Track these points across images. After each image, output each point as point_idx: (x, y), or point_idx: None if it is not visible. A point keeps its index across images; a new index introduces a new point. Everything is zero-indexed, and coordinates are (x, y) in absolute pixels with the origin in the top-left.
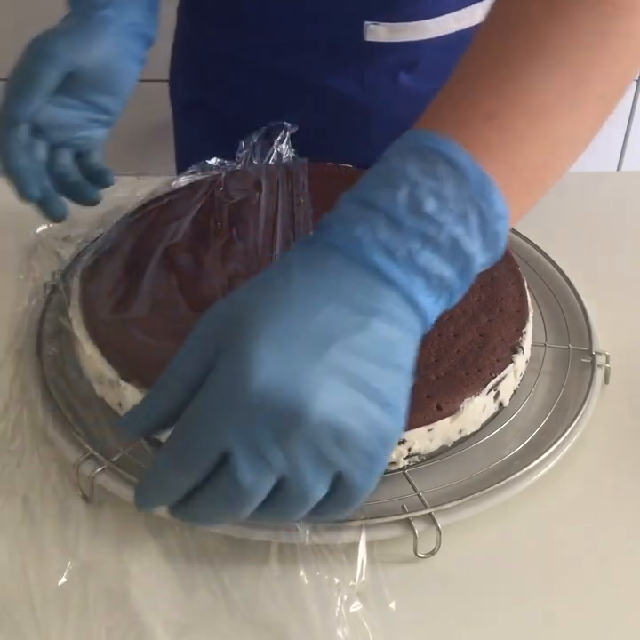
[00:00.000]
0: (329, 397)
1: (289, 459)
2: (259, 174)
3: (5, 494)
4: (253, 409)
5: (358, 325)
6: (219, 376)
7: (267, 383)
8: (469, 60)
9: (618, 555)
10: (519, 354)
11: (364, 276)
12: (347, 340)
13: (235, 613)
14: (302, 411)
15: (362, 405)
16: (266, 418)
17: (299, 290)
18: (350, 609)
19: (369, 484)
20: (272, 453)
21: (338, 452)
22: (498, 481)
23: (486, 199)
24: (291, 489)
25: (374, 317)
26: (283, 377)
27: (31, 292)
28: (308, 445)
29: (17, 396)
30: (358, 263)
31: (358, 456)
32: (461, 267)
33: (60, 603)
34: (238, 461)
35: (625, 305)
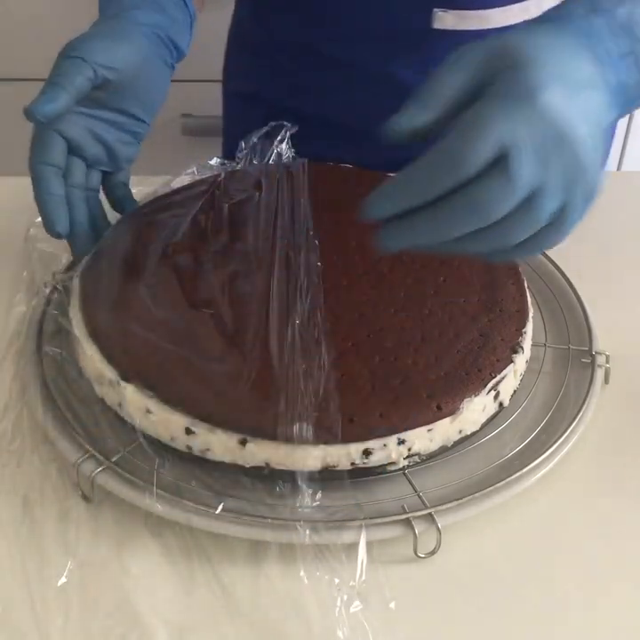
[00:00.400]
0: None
1: (557, 175)
2: (259, 174)
3: (5, 494)
4: (538, 116)
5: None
6: (506, 86)
7: (551, 100)
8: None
9: (618, 555)
10: (519, 354)
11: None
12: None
13: (234, 613)
14: (573, 135)
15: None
16: (545, 130)
17: (559, 43)
18: (350, 609)
19: (583, 211)
20: (546, 161)
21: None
22: (498, 481)
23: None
24: (538, 206)
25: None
26: (562, 101)
27: (31, 292)
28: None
29: (17, 396)
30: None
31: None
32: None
33: (59, 603)
34: (515, 160)
35: (625, 305)
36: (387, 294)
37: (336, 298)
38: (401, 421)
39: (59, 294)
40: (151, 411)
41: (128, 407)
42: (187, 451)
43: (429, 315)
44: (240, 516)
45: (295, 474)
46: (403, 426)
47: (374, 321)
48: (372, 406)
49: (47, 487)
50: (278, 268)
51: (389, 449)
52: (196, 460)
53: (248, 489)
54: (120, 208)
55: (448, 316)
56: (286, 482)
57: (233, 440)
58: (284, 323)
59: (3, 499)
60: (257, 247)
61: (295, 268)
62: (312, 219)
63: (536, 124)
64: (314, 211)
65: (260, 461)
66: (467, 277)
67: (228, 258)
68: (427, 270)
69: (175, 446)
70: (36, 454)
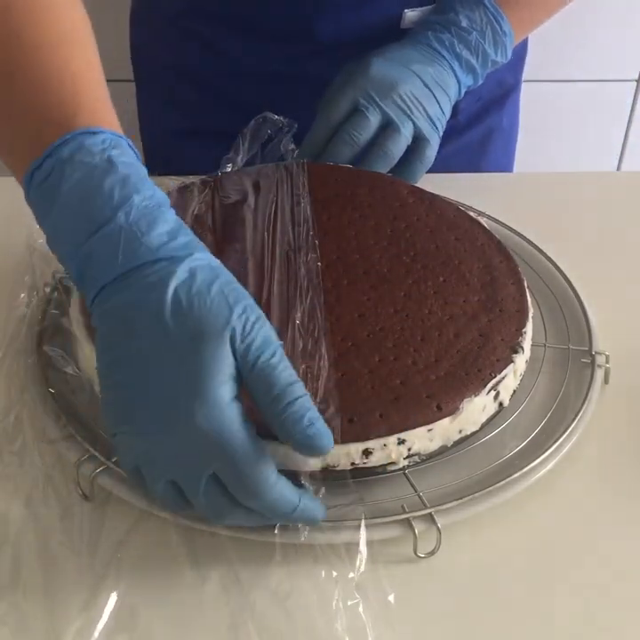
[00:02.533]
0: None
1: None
2: (257, 175)
3: (9, 495)
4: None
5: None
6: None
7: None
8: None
9: (618, 555)
10: (519, 354)
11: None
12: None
13: (233, 610)
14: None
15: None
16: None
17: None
18: (348, 602)
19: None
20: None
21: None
22: (498, 481)
23: (498, 21)
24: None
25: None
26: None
27: (31, 292)
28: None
29: (17, 396)
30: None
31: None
32: (482, 59)
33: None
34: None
35: (625, 305)
36: (387, 294)
37: (336, 298)
38: (401, 421)
39: (59, 294)
40: None
41: None
42: None
43: (429, 315)
44: None
45: (297, 473)
46: (403, 426)
47: (374, 321)
48: (372, 406)
49: (50, 487)
50: (278, 268)
51: (389, 449)
52: None
53: None
54: None
55: (448, 315)
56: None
57: None
58: (284, 323)
59: (6, 499)
60: (256, 247)
61: (295, 268)
62: (312, 219)
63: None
64: (314, 211)
65: None
66: (467, 277)
67: (226, 258)
68: (427, 270)
69: None
70: (37, 454)
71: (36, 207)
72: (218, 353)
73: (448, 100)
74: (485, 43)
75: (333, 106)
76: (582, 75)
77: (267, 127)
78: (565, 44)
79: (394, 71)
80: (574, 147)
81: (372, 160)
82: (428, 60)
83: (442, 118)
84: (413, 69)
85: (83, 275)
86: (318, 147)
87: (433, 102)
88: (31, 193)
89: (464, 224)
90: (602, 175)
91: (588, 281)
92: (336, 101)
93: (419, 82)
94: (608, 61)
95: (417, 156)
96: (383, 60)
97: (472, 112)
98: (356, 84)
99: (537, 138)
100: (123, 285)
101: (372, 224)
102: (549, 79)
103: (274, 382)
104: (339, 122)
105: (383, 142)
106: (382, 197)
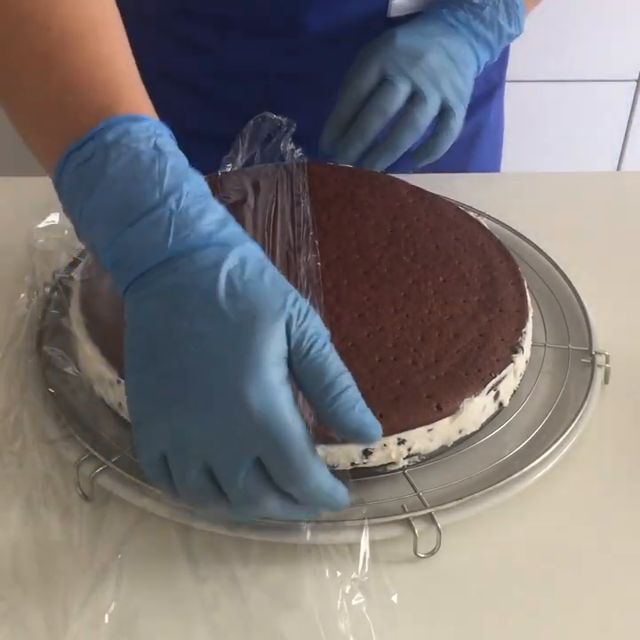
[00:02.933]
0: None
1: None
2: (257, 175)
3: (8, 495)
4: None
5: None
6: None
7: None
8: None
9: (618, 555)
10: (519, 354)
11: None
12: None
13: (234, 610)
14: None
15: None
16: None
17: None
18: (352, 602)
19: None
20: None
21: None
22: (498, 481)
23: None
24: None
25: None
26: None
27: (31, 292)
28: None
29: (17, 395)
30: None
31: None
32: (497, 33)
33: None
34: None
35: (625, 305)
36: (387, 294)
37: (336, 298)
38: (401, 421)
39: (59, 294)
40: None
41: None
42: None
43: (429, 315)
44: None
45: None
46: (403, 426)
47: (374, 321)
48: (372, 406)
49: (50, 488)
50: (278, 268)
51: (389, 449)
52: None
53: None
54: None
55: (448, 315)
56: None
57: None
58: None
59: (6, 500)
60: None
61: (295, 268)
62: (312, 219)
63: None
64: (314, 211)
65: None
66: (467, 277)
67: None
68: (427, 270)
69: None
70: (37, 455)
71: (72, 190)
72: (274, 335)
73: (470, 74)
74: (499, 16)
75: (360, 77)
76: (582, 75)
77: (266, 127)
78: (566, 43)
79: (420, 42)
80: (574, 147)
81: (401, 130)
82: (448, 34)
83: (466, 91)
84: (438, 41)
85: (120, 260)
86: (346, 121)
87: (457, 75)
88: (65, 176)
89: (464, 224)
90: (602, 175)
91: (587, 281)
92: (363, 72)
93: (444, 53)
94: (608, 61)
95: (443, 127)
96: (408, 32)
97: None
98: (382, 55)
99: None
100: (169, 269)
101: (371, 224)
102: (549, 79)
103: (325, 371)
104: (367, 94)
105: (411, 111)
106: (382, 197)
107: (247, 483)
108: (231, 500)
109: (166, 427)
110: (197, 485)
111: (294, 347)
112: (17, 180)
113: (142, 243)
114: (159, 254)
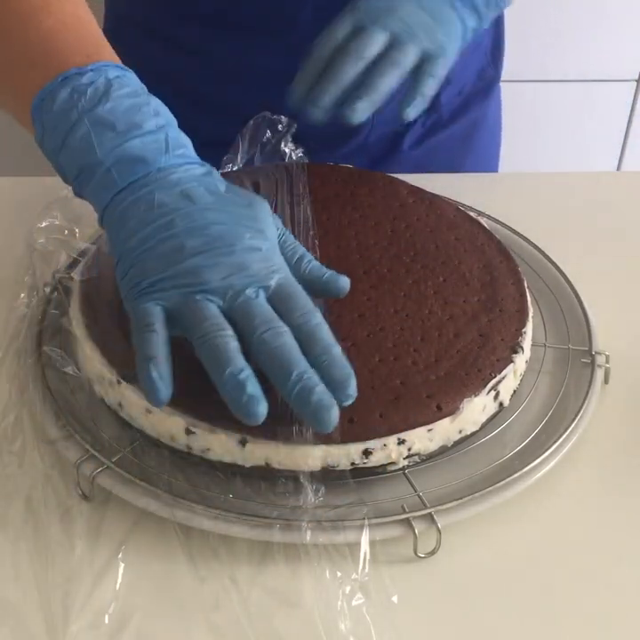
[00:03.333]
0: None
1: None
2: (257, 175)
3: (8, 495)
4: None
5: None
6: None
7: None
8: None
9: (618, 555)
10: (519, 354)
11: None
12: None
13: (234, 610)
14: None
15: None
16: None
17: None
18: (352, 602)
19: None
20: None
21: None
22: (498, 481)
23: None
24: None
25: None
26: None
27: (31, 292)
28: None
29: (17, 395)
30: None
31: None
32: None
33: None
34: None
35: (625, 305)
36: (387, 294)
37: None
38: (401, 421)
39: (59, 294)
40: (151, 411)
41: (128, 407)
42: (187, 451)
43: (429, 315)
44: (242, 516)
45: (297, 473)
46: (403, 426)
47: (374, 321)
48: (372, 406)
49: (49, 488)
50: None
51: (389, 449)
52: (197, 460)
53: (250, 489)
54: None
55: (448, 315)
56: (288, 481)
57: (233, 440)
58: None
59: (6, 500)
60: None
61: None
62: (312, 219)
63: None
64: (314, 211)
65: (259, 461)
66: (467, 277)
67: None
68: (427, 270)
69: (175, 446)
70: (37, 455)
71: (74, 103)
72: (270, 214)
73: (453, 33)
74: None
75: (334, 28)
76: (582, 75)
77: (266, 127)
78: (566, 43)
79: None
80: (574, 147)
81: (379, 69)
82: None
83: (449, 45)
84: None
85: (111, 171)
86: (318, 70)
87: (438, 30)
88: (62, 92)
89: (464, 224)
90: (602, 175)
91: (588, 281)
92: (336, 24)
93: (421, 10)
94: (608, 61)
95: (425, 71)
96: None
97: (454, 106)
98: (356, 9)
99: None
100: (168, 172)
101: (371, 224)
102: (550, 79)
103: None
104: (341, 42)
105: (389, 53)
106: (382, 197)
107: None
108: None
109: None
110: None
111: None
112: (17, 179)
113: (147, 150)
114: (160, 162)
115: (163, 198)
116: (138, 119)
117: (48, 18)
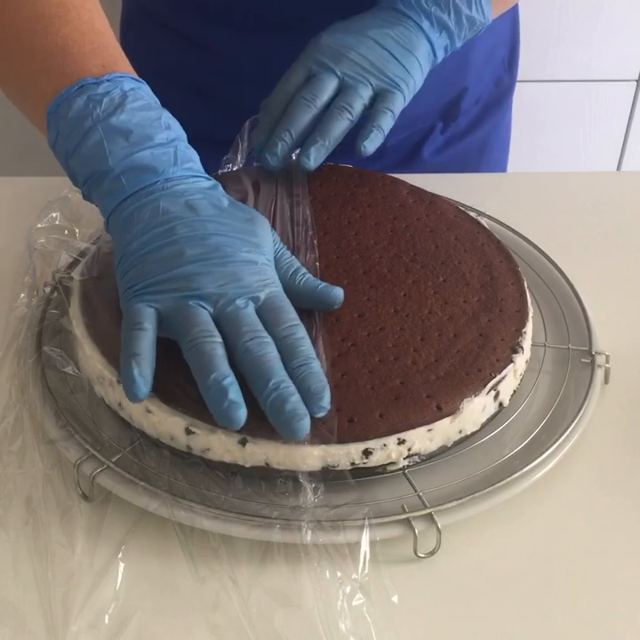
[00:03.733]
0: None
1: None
2: (257, 175)
3: (8, 495)
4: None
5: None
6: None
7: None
8: None
9: (618, 555)
10: (519, 354)
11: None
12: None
13: (234, 610)
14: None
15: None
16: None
17: (353, 20)
18: (353, 602)
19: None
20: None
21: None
22: (498, 481)
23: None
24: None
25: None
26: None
27: (31, 292)
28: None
29: (17, 396)
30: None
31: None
32: (454, 15)
33: (65, 601)
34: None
35: (625, 305)
36: (387, 294)
37: None
38: (401, 421)
39: (59, 294)
40: (151, 411)
41: (128, 407)
42: (187, 451)
43: (429, 315)
44: (242, 516)
45: (297, 473)
46: (403, 426)
47: (374, 321)
48: (372, 406)
49: (49, 488)
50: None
51: (389, 449)
52: (197, 460)
53: (250, 489)
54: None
55: (448, 316)
56: (288, 481)
57: (233, 440)
58: None
59: (6, 500)
60: None
61: None
62: (312, 218)
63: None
64: (313, 210)
65: (259, 461)
66: (467, 277)
67: None
68: (427, 270)
69: (175, 446)
70: (37, 455)
71: (89, 111)
72: (269, 231)
73: (415, 59)
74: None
75: (288, 76)
76: (582, 75)
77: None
78: (566, 43)
79: (346, 38)
80: (574, 147)
81: (329, 116)
82: (389, 23)
83: (406, 78)
84: (369, 34)
85: (121, 178)
86: (275, 116)
87: (392, 62)
88: (78, 100)
89: (464, 224)
90: (602, 175)
91: (588, 281)
92: (290, 72)
93: (374, 44)
94: (608, 61)
95: (379, 106)
96: (334, 31)
97: (472, 115)
98: (307, 55)
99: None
100: (175, 183)
101: (371, 224)
102: (550, 79)
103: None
104: (294, 91)
105: (340, 98)
106: (382, 197)
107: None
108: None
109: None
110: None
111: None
112: (17, 179)
113: (155, 161)
114: (168, 173)
115: (167, 206)
116: (150, 131)
117: (66, 26)
